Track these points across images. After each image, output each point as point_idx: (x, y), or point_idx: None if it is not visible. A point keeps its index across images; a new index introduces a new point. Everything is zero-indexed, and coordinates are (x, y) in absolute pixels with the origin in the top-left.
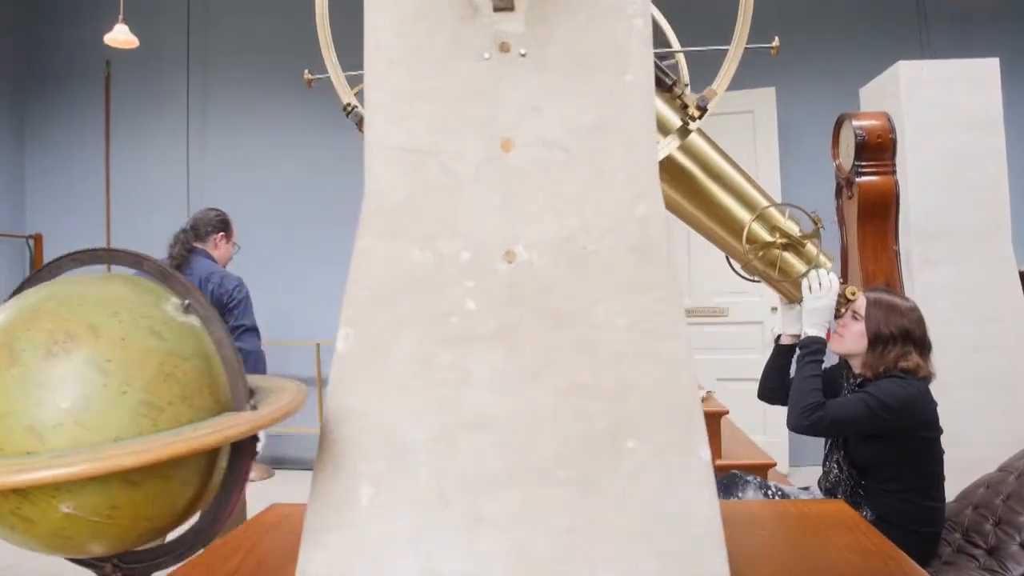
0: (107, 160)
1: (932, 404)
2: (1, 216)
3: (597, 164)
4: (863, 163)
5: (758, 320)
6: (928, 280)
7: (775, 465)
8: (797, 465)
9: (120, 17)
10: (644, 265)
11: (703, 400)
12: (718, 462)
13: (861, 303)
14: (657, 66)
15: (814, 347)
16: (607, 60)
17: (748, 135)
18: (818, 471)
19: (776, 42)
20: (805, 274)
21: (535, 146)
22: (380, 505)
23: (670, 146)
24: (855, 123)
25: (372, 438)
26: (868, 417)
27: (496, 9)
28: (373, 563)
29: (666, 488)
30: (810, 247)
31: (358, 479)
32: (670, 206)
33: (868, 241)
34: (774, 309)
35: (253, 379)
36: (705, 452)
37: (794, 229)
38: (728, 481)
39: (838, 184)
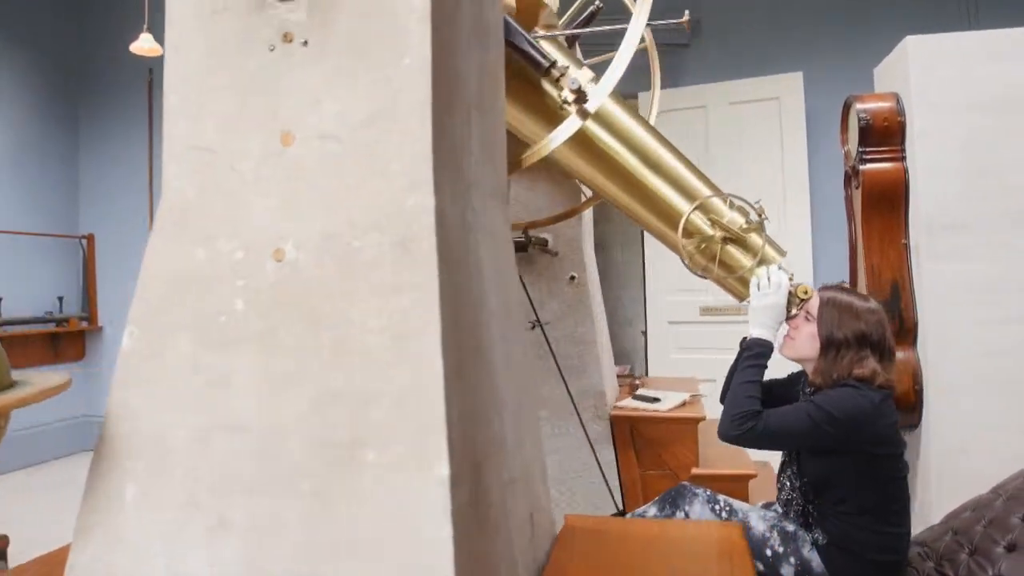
0: (150, 164)
1: (888, 418)
2: (57, 218)
3: (371, 155)
4: (868, 149)
5: None
6: (936, 276)
7: (755, 476)
8: None
9: (145, 27)
10: (405, 263)
11: (684, 404)
12: (694, 471)
13: (815, 303)
14: (534, 47)
15: (756, 350)
16: (386, 44)
17: (774, 123)
18: None
19: (687, 16)
20: (751, 270)
21: (313, 140)
22: (141, 504)
23: (564, 133)
24: (859, 106)
25: (141, 437)
26: (810, 430)
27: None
28: (132, 561)
29: (399, 506)
30: (756, 240)
31: (124, 477)
32: (605, 194)
33: (874, 234)
34: None
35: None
36: (443, 468)
37: (738, 222)
38: (676, 494)
39: (846, 173)
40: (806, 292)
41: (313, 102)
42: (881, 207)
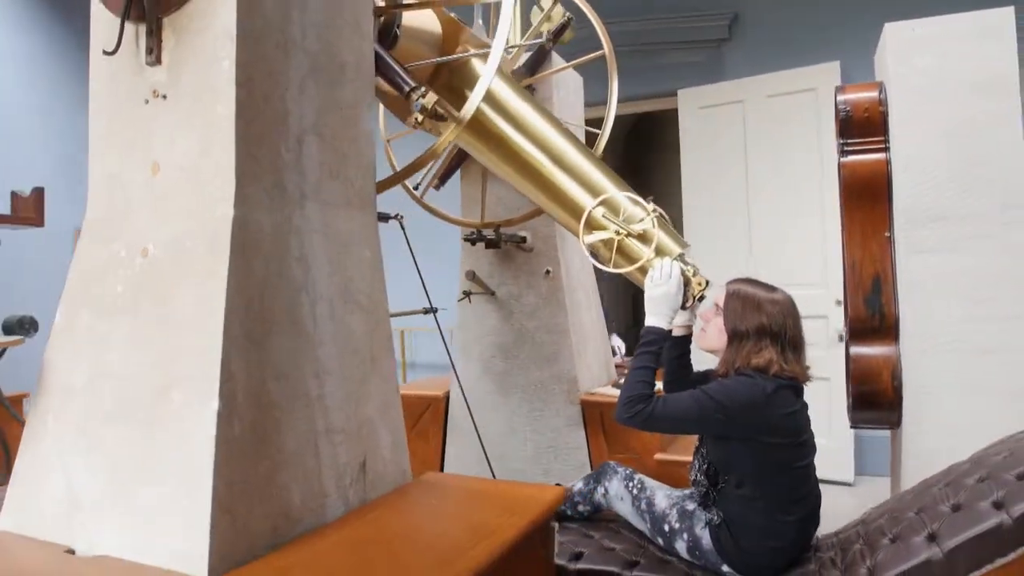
0: None
1: (782, 408)
2: None
3: (200, 180)
4: (849, 141)
5: (822, 315)
6: (917, 270)
7: None
8: (863, 474)
9: None
10: (210, 257)
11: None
12: (658, 456)
13: (724, 295)
14: (398, 75)
15: (649, 337)
16: (208, 97)
17: (811, 115)
18: (886, 483)
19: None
20: (649, 261)
21: (170, 169)
22: (54, 429)
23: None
24: (840, 97)
25: (58, 383)
26: (699, 416)
27: (149, 64)
28: (45, 469)
29: (187, 433)
30: (657, 234)
31: (47, 410)
32: (517, 186)
33: (856, 227)
34: (839, 303)
35: None
36: (214, 404)
37: (637, 216)
38: (600, 471)
39: (838, 166)
40: (701, 284)
41: (170, 140)
42: (863, 200)
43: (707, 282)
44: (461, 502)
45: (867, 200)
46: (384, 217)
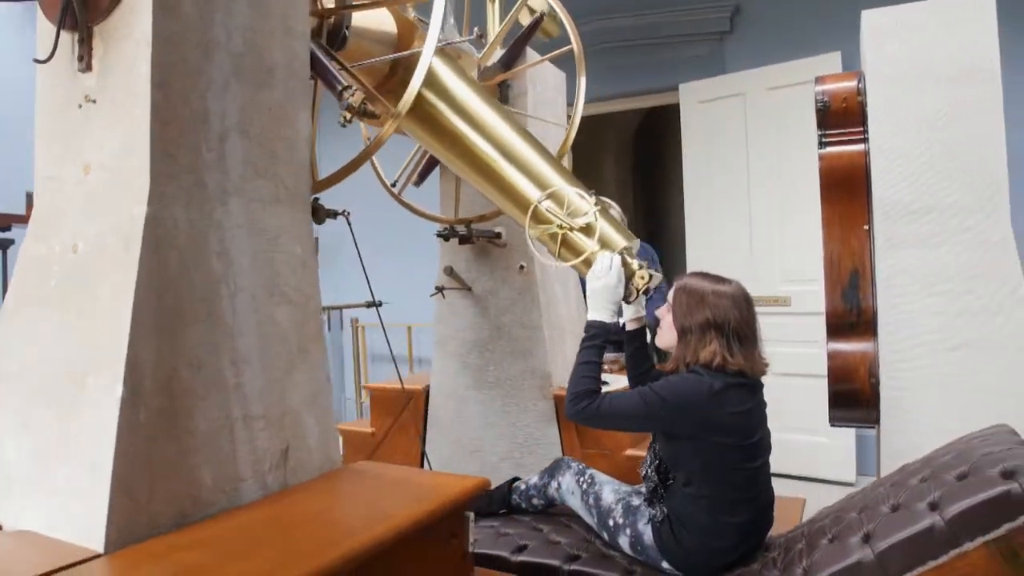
0: None
1: (729, 406)
2: None
3: (123, 180)
4: (828, 132)
5: (821, 311)
6: (893, 264)
7: None
8: (865, 474)
9: None
10: (125, 252)
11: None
12: (628, 452)
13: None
14: (331, 74)
15: (591, 331)
16: (129, 101)
17: (811, 108)
18: None
19: (476, 30)
20: (593, 254)
21: (98, 170)
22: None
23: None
24: (818, 87)
25: (5, 369)
26: (643, 413)
27: (81, 71)
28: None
29: (97, 417)
30: (601, 227)
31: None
32: (468, 179)
33: (835, 220)
34: None
35: None
36: (118, 391)
37: (583, 210)
38: (555, 466)
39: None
40: (643, 277)
41: (99, 143)
42: (841, 192)
43: (651, 276)
44: (375, 489)
45: (846, 192)
46: (332, 213)
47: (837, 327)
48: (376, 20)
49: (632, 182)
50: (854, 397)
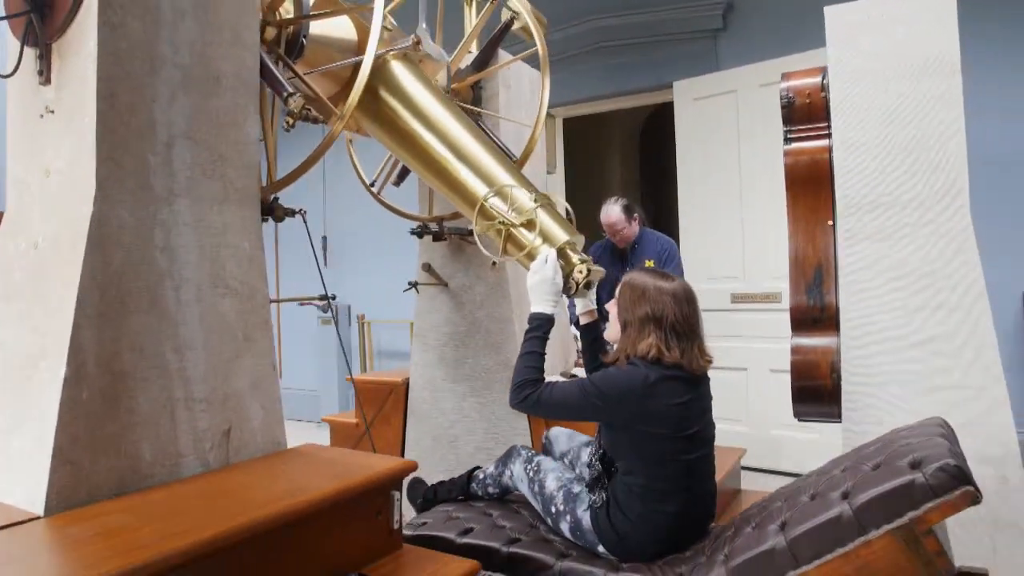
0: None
1: (663, 398)
2: None
3: (74, 182)
4: (793, 128)
5: None
6: (856, 259)
7: None
8: None
9: None
10: (71, 248)
11: None
12: None
13: None
14: (277, 81)
15: (534, 323)
16: (78, 111)
17: None
18: None
19: (415, 37)
20: (533, 249)
21: (55, 174)
22: None
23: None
24: (783, 84)
25: None
26: (581, 402)
27: (42, 84)
28: None
29: (44, 395)
30: (542, 223)
31: None
32: (423, 177)
33: (800, 216)
34: None
35: None
36: (62, 372)
37: (527, 207)
38: (507, 454)
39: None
40: (581, 272)
41: (56, 150)
42: (807, 187)
43: (589, 270)
44: (306, 468)
45: (811, 188)
46: (290, 212)
47: (801, 323)
48: (338, 28)
49: (639, 180)
50: (816, 392)
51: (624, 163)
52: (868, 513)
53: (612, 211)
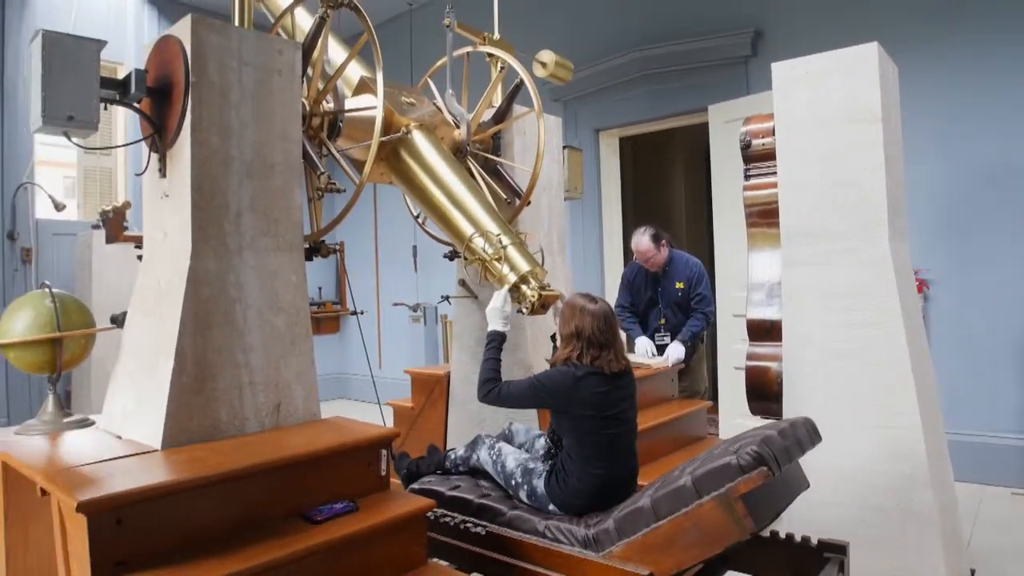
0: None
1: (588, 389)
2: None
3: (179, 244)
4: (751, 167)
5: None
6: (794, 281)
7: None
8: None
9: None
10: (177, 290)
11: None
12: None
13: None
14: (315, 164)
15: (489, 338)
16: (176, 194)
17: None
18: None
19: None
20: (501, 277)
21: (169, 236)
22: (121, 376)
23: None
24: (743, 128)
25: (129, 347)
26: (531, 394)
27: (161, 177)
28: (117, 391)
29: (156, 381)
30: (512, 257)
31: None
32: (428, 216)
33: (755, 242)
34: None
35: None
36: (169, 365)
37: (498, 246)
38: (474, 441)
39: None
40: (532, 297)
41: (169, 219)
42: (759, 218)
43: (539, 295)
44: (326, 431)
45: (763, 218)
46: (331, 250)
47: (755, 333)
48: (369, 112)
49: (705, 196)
50: (764, 393)
51: (687, 178)
52: (702, 484)
53: (642, 241)
